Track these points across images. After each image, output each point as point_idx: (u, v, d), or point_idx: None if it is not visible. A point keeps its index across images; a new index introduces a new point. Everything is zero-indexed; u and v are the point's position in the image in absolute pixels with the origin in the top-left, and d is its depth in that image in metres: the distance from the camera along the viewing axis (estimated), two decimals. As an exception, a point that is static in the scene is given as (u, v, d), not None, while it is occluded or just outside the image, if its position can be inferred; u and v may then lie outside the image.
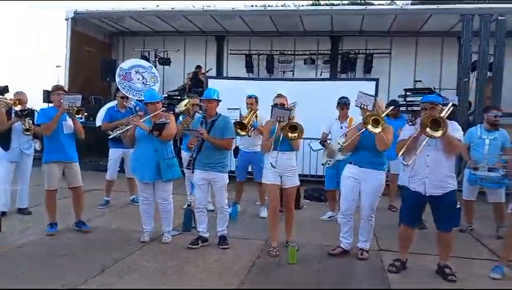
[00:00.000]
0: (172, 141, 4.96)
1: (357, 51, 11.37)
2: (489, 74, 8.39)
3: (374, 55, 11.25)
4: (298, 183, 4.73)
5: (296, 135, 4.40)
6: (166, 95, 10.94)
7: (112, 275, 3.88)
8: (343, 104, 5.83)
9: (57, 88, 5.19)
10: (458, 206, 4.01)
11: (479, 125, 5.65)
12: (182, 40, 12.37)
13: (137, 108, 6.08)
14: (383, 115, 4.25)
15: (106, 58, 11.98)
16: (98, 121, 8.31)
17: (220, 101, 4.84)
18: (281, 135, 4.42)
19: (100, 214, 6.00)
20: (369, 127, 4.11)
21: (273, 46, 11.93)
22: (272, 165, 4.47)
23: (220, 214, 4.81)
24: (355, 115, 5.39)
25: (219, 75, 11.70)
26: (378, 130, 4.11)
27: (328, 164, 5.98)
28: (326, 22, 10.56)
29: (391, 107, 5.60)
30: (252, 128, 5.81)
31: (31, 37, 33.78)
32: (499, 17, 8.11)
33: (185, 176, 6.07)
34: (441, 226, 4.04)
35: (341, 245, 4.64)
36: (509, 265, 4.22)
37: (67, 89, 6.50)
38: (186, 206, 5.37)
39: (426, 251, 4.64)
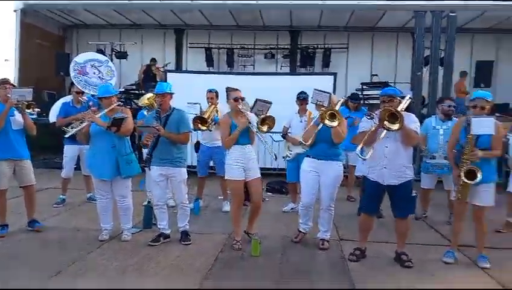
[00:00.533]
0: (130, 136, 4.84)
1: (315, 46, 11.54)
2: (440, 68, 8.75)
3: (332, 49, 11.47)
4: (259, 174, 4.76)
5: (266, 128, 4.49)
6: (123, 90, 10.65)
7: (68, 275, 3.75)
8: (302, 99, 5.94)
9: (2, 82, 4.87)
10: (414, 194, 4.17)
11: (433, 116, 5.88)
12: (139, 33, 12.09)
13: (90, 103, 5.84)
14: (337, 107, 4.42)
15: (60, 51, 11.50)
16: (52, 117, 7.96)
17: (173, 94, 4.73)
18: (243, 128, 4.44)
19: (56, 213, 5.77)
20: (327, 121, 4.25)
21: (233, 40, 11.88)
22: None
23: (181, 209, 4.74)
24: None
25: (178, 69, 11.52)
26: (335, 123, 4.25)
27: (289, 157, 6.05)
28: (285, 16, 10.64)
29: (341, 100, 5.70)
30: (213, 123, 5.77)
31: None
32: (450, 14, 8.46)
33: (145, 171, 5.94)
34: (397, 214, 4.20)
35: (300, 230, 4.81)
36: (460, 250, 4.47)
37: (16, 84, 6.17)
38: (146, 203, 5.25)
39: (384, 239, 4.80)
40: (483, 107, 4.10)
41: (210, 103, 5.91)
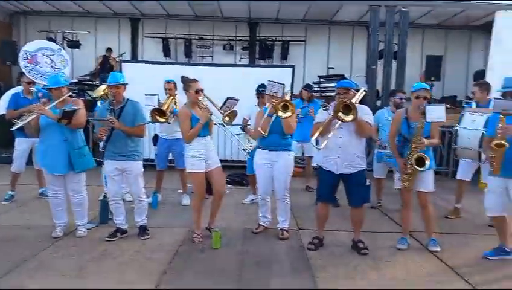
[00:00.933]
0: (83, 129, 4.67)
1: (274, 38, 11.59)
2: (394, 61, 9.04)
3: (290, 42, 11.56)
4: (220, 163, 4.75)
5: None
6: (76, 80, 10.24)
7: (20, 274, 3.59)
8: (260, 92, 5.94)
9: None
10: (368, 183, 4.31)
11: (385, 108, 6.08)
12: (93, 21, 11.64)
13: (39, 94, 5.55)
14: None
15: (6, 39, 10.86)
16: (1, 109, 7.52)
17: (127, 85, 4.60)
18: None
19: (5, 211, 5.49)
20: (280, 113, 4.31)
21: (191, 30, 11.71)
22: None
23: (138, 204, 4.65)
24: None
25: (134, 59, 11.22)
26: (288, 114, 4.32)
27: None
28: (244, 8, 10.59)
29: (288, 91, 5.78)
30: (172, 115, 5.67)
31: None
32: (402, 9, 8.75)
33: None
34: (352, 202, 4.34)
35: (261, 223, 4.88)
36: (413, 235, 4.70)
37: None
38: (101, 197, 5.09)
39: (341, 227, 4.94)
40: (425, 97, 4.29)
41: (168, 94, 5.79)
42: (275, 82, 4.55)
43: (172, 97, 5.73)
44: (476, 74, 10.38)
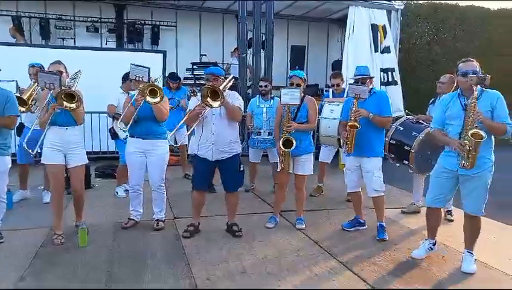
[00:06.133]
0: None
1: (143, 22, 11.09)
2: (262, 51, 9.40)
3: (161, 27, 11.19)
4: (85, 161, 4.37)
5: (74, 105, 3.92)
6: None
7: None
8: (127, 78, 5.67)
9: None
10: (242, 169, 4.44)
11: (258, 95, 6.31)
12: None
13: None
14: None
15: None
16: None
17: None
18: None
19: None
20: (148, 98, 4.14)
21: (47, 9, 10.51)
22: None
23: None
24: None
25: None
26: (156, 99, 4.18)
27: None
28: (108, -13, 9.90)
29: (160, 77, 5.66)
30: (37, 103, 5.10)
31: None
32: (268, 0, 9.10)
33: None
34: (228, 187, 4.43)
35: (132, 217, 4.66)
36: (282, 215, 5.00)
37: None
38: None
39: (217, 212, 5.02)
40: (298, 84, 4.59)
41: (34, 80, 5.16)
42: (137, 65, 4.30)
43: (38, 83, 5.11)
44: (334, 63, 11.40)
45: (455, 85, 4.49)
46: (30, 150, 4.32)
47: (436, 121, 3.83)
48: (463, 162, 3.50)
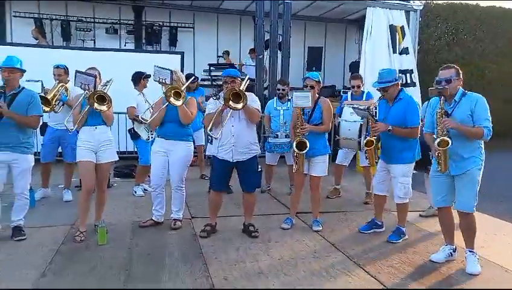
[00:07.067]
0: None
1: (161, 23, 11.22)
2: (279, 52, 9.41)
3: (179, 28, 11.30)
4: (115, 158, 4.47)
5: (104, 107, 4.12)
6: None
7: None
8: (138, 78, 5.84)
9: None
10: (260, 169, 4.46)
11: (275, 97, 6.31)
12: None
13: None
14: (183, 87, 4.38)
15: None
16: None
17: (25, 71, 4.20)
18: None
19: None
20: (172, 100, 4.18)
21: (68, 11, 10.73)
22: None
23: (20, 201, 4.19)
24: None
25: (1, 41, 9.92)
26: (179, 102, 4.22)
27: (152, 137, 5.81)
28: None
29: (192, 79, 5.76)
30: (61, 104, 5.23)
31: None
32: (285, 1, 9.10)
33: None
34: (245, 188, 4.44)
35: (153, 218, 4.69)
36: (298, 216, 4.99)
37: None
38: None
39: (233, 213, 5.04)
40: (312, 86, 4.58)
41: (58, 81, 5.28)
42: (161, 68, 4.38)
43: (61, 84, 5.23)
44: (351, 65, 11.33)
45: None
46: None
47: (427, 125, 3.90)
48: (438, 167, 3.67)
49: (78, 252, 3.91)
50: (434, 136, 3.65)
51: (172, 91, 4.20)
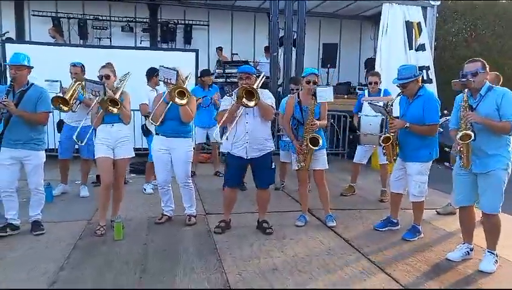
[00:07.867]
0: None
1: (176, 21, 11.29)
2: (293, 49, 9.37)
3: (193, 26, 11.36)
4: (131, 154, 4.54)
5: (115, 109, 4.17)
6: None
7: None
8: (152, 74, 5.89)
9: None
10: (273, 166, 4.46)
11: (288, 95, 6.26)
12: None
13: None
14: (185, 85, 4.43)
15: None
16: None
17: (32, 68, 4.24)
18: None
19: None
20: (176, 99, 4.22)
21: (85, 10, 10.88)
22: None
23: (35, 196, 4.28)
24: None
25: (20, 39, 10.11)
26: (184, 101, 4.24)
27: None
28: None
29: (190, 73, 5.74)
30: (78, 102, 5.31)
31: None
32: (300, -1, 9.07)
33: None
34: (259, 184, 4.45)
35: (165, 213, 4.75)
36: (312, 212, 4.99)
37: None
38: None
39: (248, 209, 5.06)
40: (315, 81, 4.57)
41: (75, 79, 5.35)
42: (166, 68, 4.40)
43: (78, 82, 5.29)
44: (367, 61, 11.23)
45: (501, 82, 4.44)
46: (80, 142, 4.66)
47: (453, 121, 3.81)
48: (461, 162, 3.62)
49: (95, 247, 3.97)
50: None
51: (177, 90, 4.22)
